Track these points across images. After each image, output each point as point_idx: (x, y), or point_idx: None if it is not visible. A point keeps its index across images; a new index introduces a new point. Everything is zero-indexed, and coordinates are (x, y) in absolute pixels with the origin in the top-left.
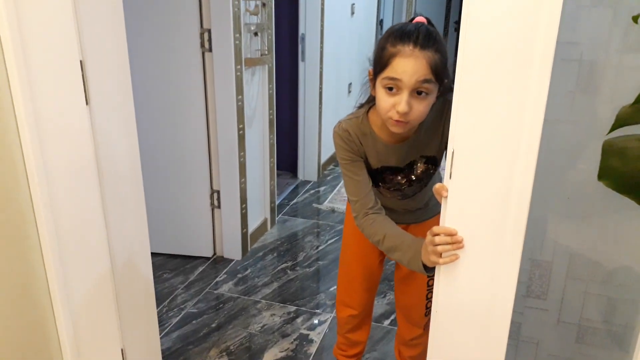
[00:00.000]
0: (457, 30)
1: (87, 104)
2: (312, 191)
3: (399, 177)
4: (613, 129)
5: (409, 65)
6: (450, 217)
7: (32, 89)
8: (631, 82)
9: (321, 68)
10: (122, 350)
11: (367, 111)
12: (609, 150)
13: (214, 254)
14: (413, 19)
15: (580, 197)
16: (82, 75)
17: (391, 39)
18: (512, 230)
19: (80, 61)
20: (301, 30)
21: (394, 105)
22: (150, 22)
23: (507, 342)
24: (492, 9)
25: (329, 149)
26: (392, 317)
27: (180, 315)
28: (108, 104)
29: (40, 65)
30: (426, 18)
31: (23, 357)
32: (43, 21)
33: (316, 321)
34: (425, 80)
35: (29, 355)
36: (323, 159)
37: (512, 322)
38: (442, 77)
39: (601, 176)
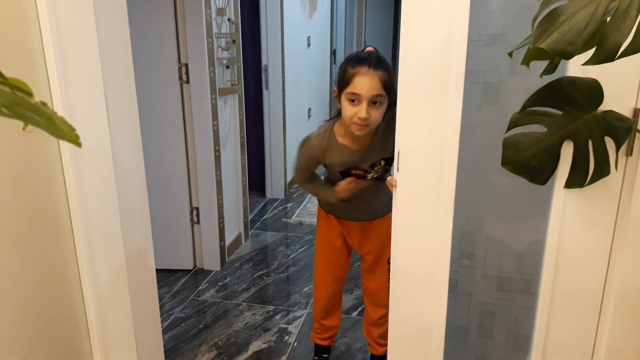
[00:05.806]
0: None
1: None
2: (280, 207)
3: (363, 172)
4: (508, 129)
5: (366, 82)
6: (400, 199)
7: (72, 115)
8: (518, 97)
9: (283, 95)
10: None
11: (333, 125)
12: (507, 144)
13: (195, 266)
14: (365, 49)
15: (495, 180)
16: (106, 104)
17: (351, 63)
18: (444, 207)
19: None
20: (264, 61)
21: (356, 113)
22: (135, 58)
23: (448, 295)
24: (420, 50)
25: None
26: (359, 309)
27: (169, 320)
28: (121, 129)
29: (78, 96)
30: (374, 48)
31: (54, 340)
32: (80, 64)
33: (292, 316)
34: (379, 94)
35: (60, 339)
36: (289, 178)
37: (450, 279)
38: (390, 90)
39: (503, 163)
